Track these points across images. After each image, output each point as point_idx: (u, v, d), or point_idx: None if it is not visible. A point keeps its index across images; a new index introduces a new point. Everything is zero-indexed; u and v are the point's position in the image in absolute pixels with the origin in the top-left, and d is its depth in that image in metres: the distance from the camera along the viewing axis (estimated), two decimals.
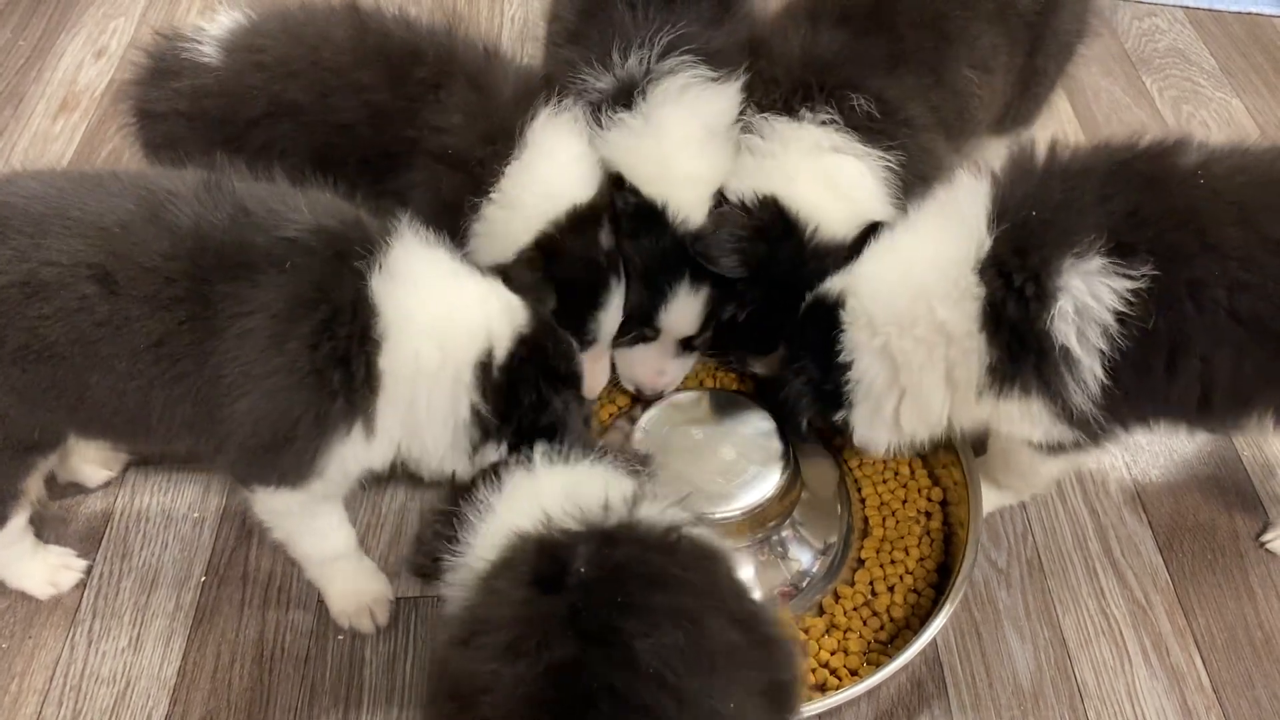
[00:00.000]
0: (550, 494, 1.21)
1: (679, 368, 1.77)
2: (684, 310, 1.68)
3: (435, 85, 1.53)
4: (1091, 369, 1.32)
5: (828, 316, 1.47)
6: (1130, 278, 1.29)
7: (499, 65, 1.60)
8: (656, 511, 1.18)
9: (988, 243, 1.36)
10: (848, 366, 1.46)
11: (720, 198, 1.65)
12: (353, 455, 1.35)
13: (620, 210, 1.62)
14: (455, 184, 1.51)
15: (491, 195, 1.53)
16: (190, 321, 1.25)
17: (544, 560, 1.10)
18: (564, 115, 1.59)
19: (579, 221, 1.56)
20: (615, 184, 1.62)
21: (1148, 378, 1.35)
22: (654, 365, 1.75)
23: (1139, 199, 1.34)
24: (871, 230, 1.54)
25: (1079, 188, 1.36)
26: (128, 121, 1.65)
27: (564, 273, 1.54)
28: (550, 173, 1.55)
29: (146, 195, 1.29)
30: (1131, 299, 1.29)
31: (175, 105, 1.57)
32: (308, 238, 1.29)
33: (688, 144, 1.62)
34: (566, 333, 1.51)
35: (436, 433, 1.38)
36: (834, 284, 1.50)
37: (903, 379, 1.44)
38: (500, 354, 1.37)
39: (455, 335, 1.35)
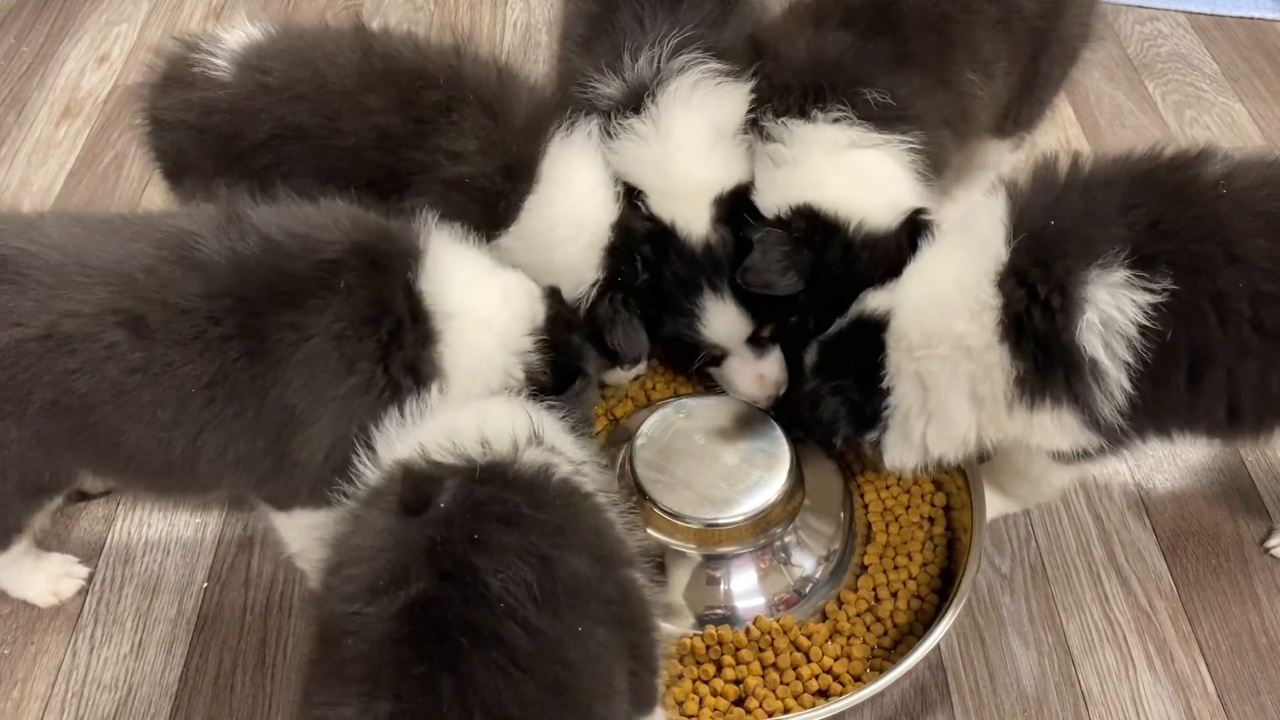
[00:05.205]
0: (433, 427, 1.24)
1: (771, 366, 1.72)
2: (721, 319, 1.66)
3: (447, 108, 1.52)
4: (1119, 380, 1.32)
5: (872, 336, 1.46)
6: (1152, 290, 1.28)
7: (511, 87, 1.59)
8: (540, 452, 1.20)
9: (1005, 255, 1.35)
10: (888, 392, 1.45)
11: (752, 215, 1.62)
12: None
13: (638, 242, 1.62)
14: (471, 214, 1.50)
15: (509, 229, 1.54)
16: (245, 357, 1.24)
17: (410, 490, 1.13)
18: (576, 139, 1.58)
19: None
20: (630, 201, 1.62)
21: (1171, 390, 1.34)
22: (748, 375, 1.71)
23: (1162, 210, 1.33)
24: (915, 217, 1.55)
25: (1100, 199, 1.35)
26: (138, 124, 1.65)
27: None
28: (566, 208, 1.56)
29: (165, 237, 1.27)
30: (1153, 312, 1.28)
31: (185, 116, 1.57)
32: (349, 257, 1.30)
33: (696, 150, 1.62)
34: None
35: None
36: (880, 300, 1.48)
37: (930, 402, 1.43)
38: (540, 321, 1.44)
39: (508, 319, 1.41)
